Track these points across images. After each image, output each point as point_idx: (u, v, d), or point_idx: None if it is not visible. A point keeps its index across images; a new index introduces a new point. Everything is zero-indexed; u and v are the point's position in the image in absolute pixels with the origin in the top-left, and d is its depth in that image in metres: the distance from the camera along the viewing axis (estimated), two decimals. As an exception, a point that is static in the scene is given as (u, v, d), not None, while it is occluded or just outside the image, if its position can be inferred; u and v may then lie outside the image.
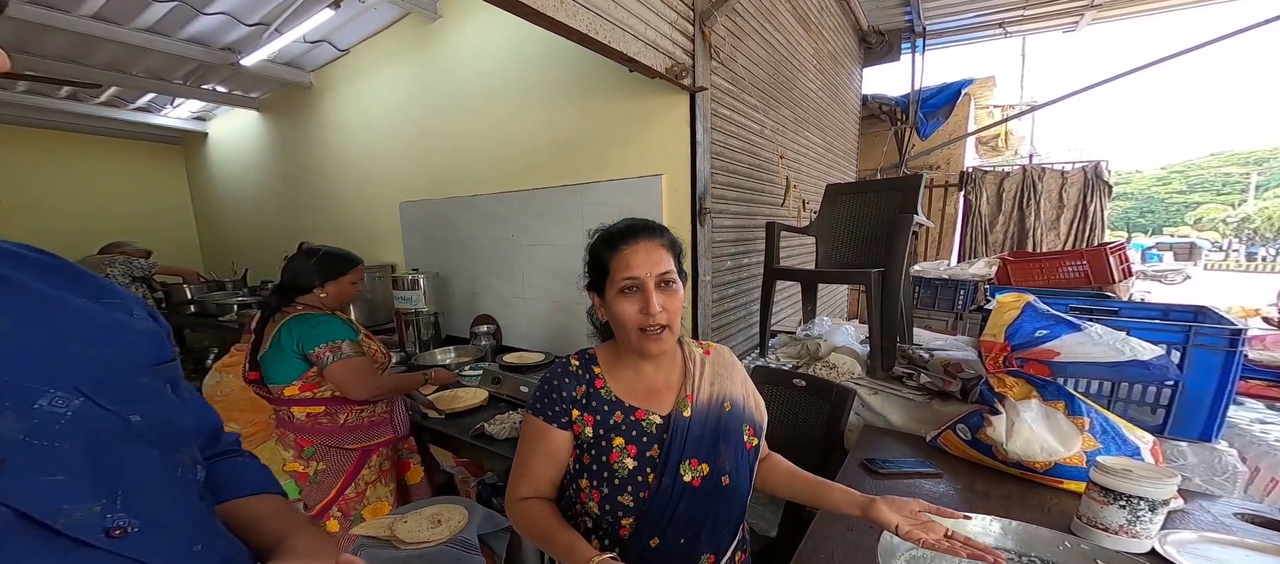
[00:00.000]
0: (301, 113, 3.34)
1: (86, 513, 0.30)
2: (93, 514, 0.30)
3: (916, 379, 1.47)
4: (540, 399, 0.77)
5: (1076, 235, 3.95)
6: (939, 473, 1.09)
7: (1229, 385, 0.97)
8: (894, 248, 1.57)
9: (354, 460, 1.39)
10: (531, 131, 2.21)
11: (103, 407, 0.33)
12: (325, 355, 1.29)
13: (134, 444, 0.34)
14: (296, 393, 1.34)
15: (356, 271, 1.45)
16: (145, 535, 0.32)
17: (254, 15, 2.41)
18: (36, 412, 0.30)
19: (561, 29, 1.22)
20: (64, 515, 0.29)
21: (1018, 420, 1.00)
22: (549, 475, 0.76)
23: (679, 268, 0.75)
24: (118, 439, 0.33)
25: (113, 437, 0.33)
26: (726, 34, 1.89)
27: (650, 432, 0.75)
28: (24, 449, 0.28)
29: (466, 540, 1.01)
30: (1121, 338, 0.94)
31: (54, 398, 0.31)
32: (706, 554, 0.75)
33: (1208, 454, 1.01)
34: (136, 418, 0.34)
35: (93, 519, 0.30)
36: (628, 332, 0.73)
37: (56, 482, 0.29)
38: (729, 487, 0.76)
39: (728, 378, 0.82)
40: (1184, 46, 3.19)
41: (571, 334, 2.25)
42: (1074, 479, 0.96)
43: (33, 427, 0.29)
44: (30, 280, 0.34)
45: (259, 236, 4.09)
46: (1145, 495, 0.73)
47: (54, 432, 0.30)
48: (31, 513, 0.28)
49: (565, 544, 0.67)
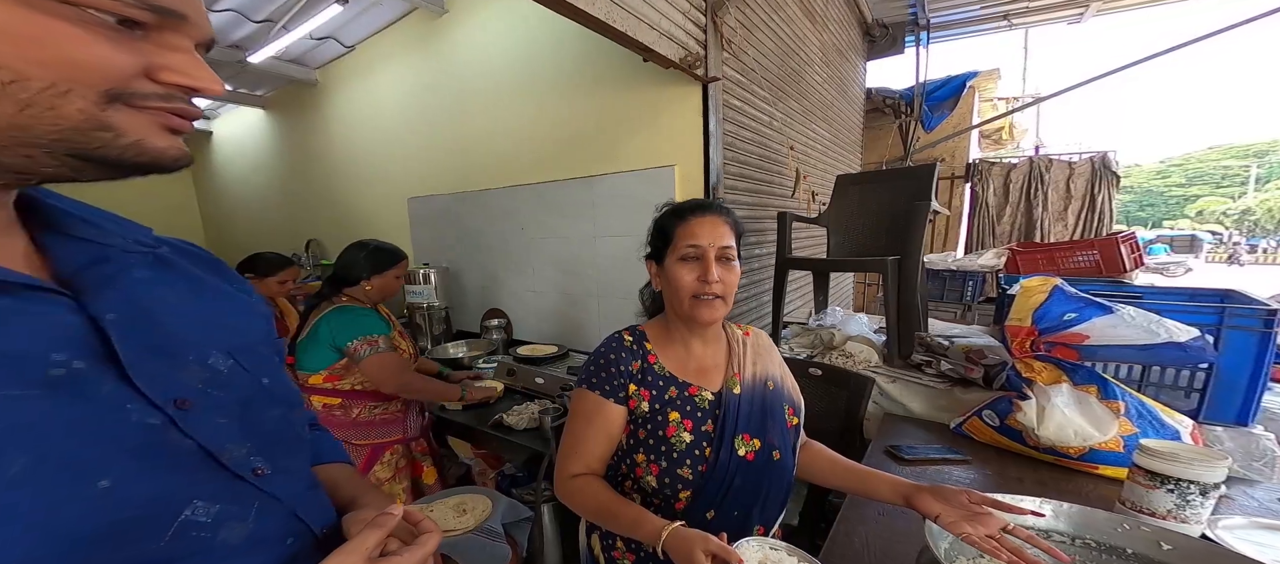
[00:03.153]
0: (307, 110, 3.33)
1: (241, 452, 0.35)
2: (244, 454, 0.36)
3: (936, 367, 1.46)
4: (595, 374, 0.76)
5: (1084, 226, 3.94)
6: (968, 459, 1.08)
7: (1265, 367, 0.95)
8: (911, 235, 1.56)
9: (363, 457, 1.38)
10: (540, 125, 2.19)
11: (246, 369, 0.39)
12: (362, 348, 1.31)
13: (266, 402, 0.40)
14: (320, 382, 1.35)
15: (400, 266, 1.50)
16: (276, 477, 0.38)
17: (261, 11, 2.39)
18: (208, 367, 0.36)
19: (580, 16, 1.21)
20: (227, 453, 0.34)
21: (1049, 405, 0.99)
22: (601, 451, 0.75)
23: (739, 251, 0.77)
24: (256, 396, 0.39)
25: (253, 393, 0.39)
26: (737, 25, 1.87)
27: (704, 407, 0.75)
28: (202, 396, 0.34)
29: (491, 529, 1.00)
30: (1156, 320, 0.92)
31: (218, 358, 0.37)
32: (758, 527, 0.77)
33: (1245, 439, 0.99)
34: (267, 380, 0.41)
35: (244, 459, 0.36)
36: (682, 297, 0.74)
37: (221, 424, 0.35)
38: (779, 461, 0.77)
39: (768, 359, 0.83)
40: (1185, 39, 3.18)
41: (583, 327, 2.24)
42: (1110, 465, 0.94)
43: (206, 378, 0.36)
44: (190, 267, 0.41)
45: (266, 235, 4.08)
46: (1196, 479, 0.71)
47: (219, 384, 0.36)
48: (209, 447, 0.33)
49: (631, 517, 0.66)
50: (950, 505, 0.60)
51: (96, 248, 0.34)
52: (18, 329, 0.27)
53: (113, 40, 0.27)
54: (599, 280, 2.14)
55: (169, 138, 0.30)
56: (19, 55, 0.25)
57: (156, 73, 0.29)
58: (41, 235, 0.33)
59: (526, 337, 2.44)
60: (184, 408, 0.32)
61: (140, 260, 0.36)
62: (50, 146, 0.27)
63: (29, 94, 0.25)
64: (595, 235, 2.10)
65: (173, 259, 0.40)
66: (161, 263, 0.38)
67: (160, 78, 0.29)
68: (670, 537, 0.59)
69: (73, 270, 0.32)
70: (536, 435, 1.39)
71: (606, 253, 2.08)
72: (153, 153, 0.30)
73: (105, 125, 0.27)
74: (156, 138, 0.30)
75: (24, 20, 0.25)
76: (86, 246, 0.34)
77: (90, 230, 0.35)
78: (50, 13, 0.25)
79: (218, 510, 0.33)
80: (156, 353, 0.33)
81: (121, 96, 0.28)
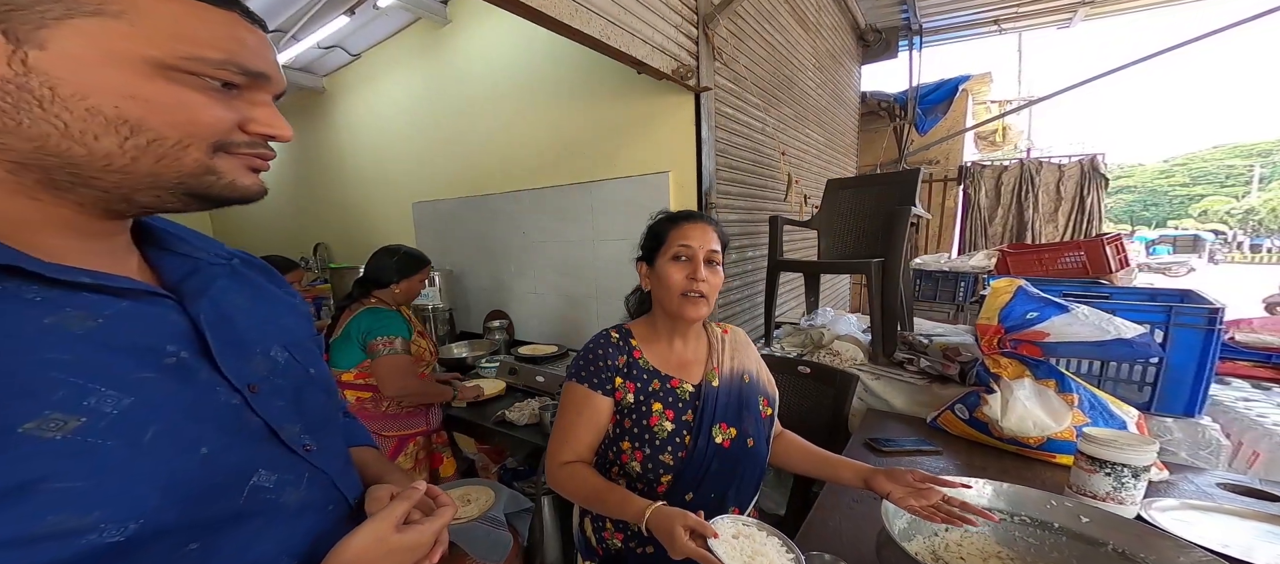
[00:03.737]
0: (315, 117, 3.42)
1: (295, 430, 0.42)
2: (297, 432, 0.42)
3: (917, 364, 1.53)
4: (584, 368, 0.82)
5: (1074, 227, 4.00)
6: (939, 450, 1.15)
7: (1209, 363, 1.02)
8: (893, 239, 1.63)
9: (391, 448, 1.48)
10: (541, 132, 2.27)
11: (298, 360, 0.46)
12: (379, 347, 1.41)
13: (313, 388, 0.47)
14: (352, 378, 1.45)
15: (425, 271, 1.60)
16: (322, 453, 0.44)
17: (273, 22, 2.48)
18: (270, 359, 0.43)
19: (577, 35, 1.29)
20: (286, 430, 0.41)
21: (1012, 398, 1.06)
22: (590, 440, 0.82)
23: (723, 259, 0.85)
24: (306, 383, 0.46)
25: (303, 381, 0.46)
26: (728, 36, 1.95)
27: (684, 398, 0.82)
28: (267, 383, 0.41)
29: (495, 518, 1.08)
30: (1106, 318, 1.00)
31: (277, 351, 0.44)
32: (733, 508, 0.83)
33: (1192, 429, 1.06)
34: (313, 370, 0.48)
35: (298, 436, 0.42)
36: (671, 294, 0.80)
37: (281, 406, 0.42)
38: (753, 449, 0.83)
39: (745, 354, 0.90)
40: (1178, 41, 3.24)
41: (582, 327, 2.31)
42: (1065, 453, 1.02)
43: (269, 368, 0.42)
44: (252, 275, 0.49)
45: (276, 239, 4.17)
46: (1128, 462, 0.78)
47: (278, 373, 0.43)
48: (273, 425, 0.40)
49: (618, 499, 0.72)
50: (898, 484, 0.68)
51: (190, 261, 0.42)
52: (144, 326, 0.35)
53: (219, 101, 0.34)
54: (597, 282, 2.22)
55: (252, 176, 0.38)
56: (163, 121, 0.32)
57: (247, 125, 0.36)
58: (148, 251, 0.41)
59: (527, 337, 2.52)
60: (255, 392, 0.39)
61: (222, 271, 0.44)
62: (173, 189, 0.34)
63: (165, 149, 0.33)
64: (593, 239, 2.18)
65: (242, 270, 0.48)
66: (234, 273, 0.46)
67: (250, 129, 0.36)
68: (653, 515, 0.65)
69: (176, 280, 0.40)
70: (537, 431, 1.47)
71: (604, 256, 2.16)
72: (242, 189, 0.37)
73: (212, 170, 0.35)
74: (244, 177, 0.37)
75: (168, 92, 0.32)
76: (184, 260, 0.42)
77: (185, 247, 0.43)
78: (184, 84, 0.32)
79: (277, 478, 0.39)
80: (234, 347, 0.40)
81: (224, 146, 0.35)
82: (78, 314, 0.32)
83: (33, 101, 0.29)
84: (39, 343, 0.30)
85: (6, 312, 0.30)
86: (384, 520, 0.40)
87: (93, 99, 0.30)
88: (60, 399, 0.29)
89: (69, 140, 0.30)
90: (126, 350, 0.33)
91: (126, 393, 0.31)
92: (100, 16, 0.30)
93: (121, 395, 0.31)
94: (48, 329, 0.30)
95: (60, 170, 0.31)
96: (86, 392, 0.30)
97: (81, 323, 0.32)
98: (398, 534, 0.40)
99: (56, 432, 0.28)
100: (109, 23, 0.30)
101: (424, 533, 0.42)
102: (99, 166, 0.32)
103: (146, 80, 0.31)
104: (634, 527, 0.71)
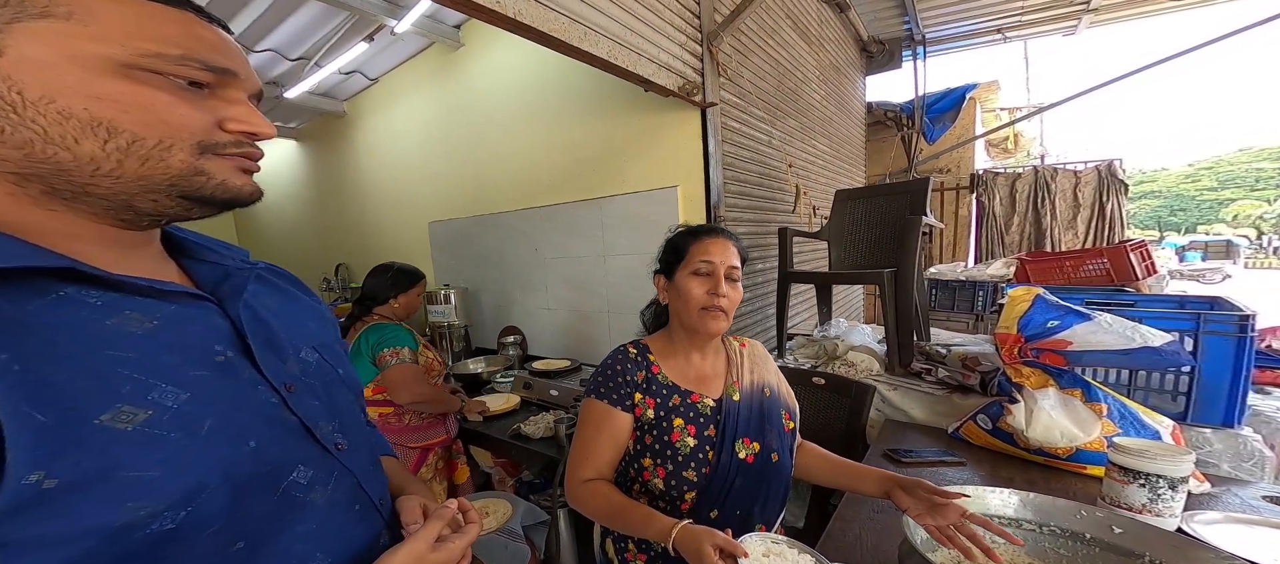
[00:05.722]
0: (336, 140, 3.56)
1: (328, 429, 0.44)
2: (330, 430, 0.44)
3: (934, 374, 1.50)
4: (603, 384, 0.81)
5: (1096, 234, 3.90)
6: (963, 462, 1.12)
7: (1244, 371, 0.98)
8: (905, 247, 1.62)
9: (414, 458, 1.50)
10: (551, 150, 2.33)
11: (328, 362, 0.48)
12: (388, 358, 1.44)
13: (342, 389, 0.49)
14: (370, 395, 1.48)
15: (421, 285, 1.66)
16: (351, 453, 0.45)
17: (296, 50, 2.62)
18: (302, 360, 0.45)
19: (584, 56, 1.33)
20: (319, 428, 0.42)
21: (1036, 408, 1.03)
22: (610, 457, 0.80)
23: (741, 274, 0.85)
24: (335, 384, 0.48)
25: (332, 382, 0.47)
26: (732, 52, 1.99)
27: (706, 413, 0.81)
28: (301, 383, 0.43)
29: (512, 530, 1.08)
30: (1132, 326, 0.97)
31: (308, 352, 0.47)
32: (759, 525, 0.81)
33: (1232, 440, 1.02)
34: (341, 371, 0.50)
35: (330, 434, 0.44)
36: (691, 308, 0.80)
37: (315, 405, 0.43)
38: (778, 463, 0.82)
39: (764, 368, 0.89)
40: (1188, 45, 3.19)
41: (594, 341, 2.32)
42: (1096, 464, 0.98)
43: (302, 369, 0.44)
44: (279, 282, 0.52)
45: (298, 260, 4.29)
46: (1163, 473, 0.75)
47: (310, 374, 0.45)
48: (308, 423, 0.42)
49: (641, 517, 0.70)
50: (915, 498, 0.66)
51: (221, 268, 0.44)
52: (193, 327, 0.37)
53: (190, 101, 0.35)
54: (608, 297, 2.23)
55: (244, 178, 0.39)
56: (136, 121, 0.33)
57: (226, 124, 0.37)
58: (181, 260, 0.44)
59: (541, 352, 2.54)
60: (291, 391, 0.41)
61: (250, 277, 0.45)
62: (167, 190, 0.35)
63: (146, 150, 0.33)
64: (604, 254, 2.20)
65: (268, 276, 0.50)
66: (261, 279, 0.48)
67: (228, 127, 0.37)
68: (680, 534, 0.62)
69: (212, 285, 0.42)
70: (552, 444, 1.47)
71: (615, 270, 2.18)
72: (234, 190, 0.38)
73: (201, 172, 0.36)
74: (235, 178, 0.38)
75: (134, 92, 0.32)
76: (215, 268, 0.44)
77: (214, 255, 0.45)
78: (150, 83, 0.33)
79: (310, 475, 0.40)
80: (270, 348, 0.41)
81: (209, 147, 0.36)
82: (136, 316, 0.34)
83: (6, 107, 0.30)
84: (105, 342, 0.32)
85: (75, 314, 0.32)
86: (422, 540, 0.42)
87: (61, 101, 0.31)
88: (128, 393, 0.31)
89: (51, 145, 0.31)
90: (180, 349, 0.35)
91: (184, 389, 0.34)
92: (48, 18, 0.30)
93: (180, 391, 0.33)
94: (111, 329, 0.33)
95: (57, 178, 0.32)
96: (149, 387, 0.32)
97: (140, 324, 0.34)
98: (433, 553, 0.42)
99: (128, 423, 0.30)
100: (58, 24, 0.30)
101: (454, 551, 0.44)
102: (89, 172, 0.32)
103: (110, 80, 0.32)
104: (658, 546, 0.70)
